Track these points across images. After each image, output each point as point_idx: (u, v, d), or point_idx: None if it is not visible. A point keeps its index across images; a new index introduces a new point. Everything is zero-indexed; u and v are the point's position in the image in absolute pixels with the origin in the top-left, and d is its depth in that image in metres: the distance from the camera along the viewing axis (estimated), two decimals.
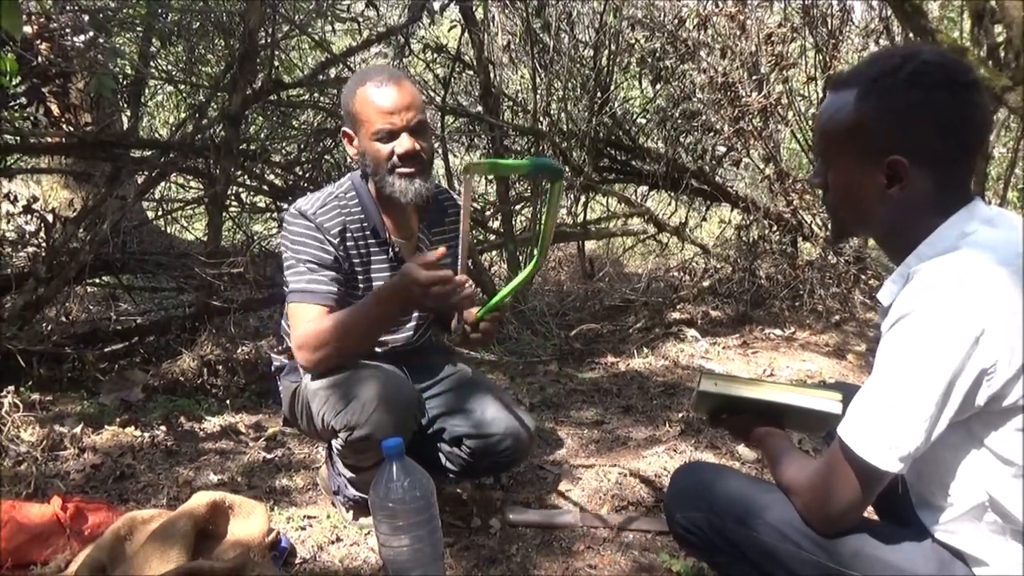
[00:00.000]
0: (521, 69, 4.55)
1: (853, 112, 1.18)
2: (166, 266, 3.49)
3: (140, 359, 3.36)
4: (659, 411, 2.94)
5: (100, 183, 3.48)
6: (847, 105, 1.19)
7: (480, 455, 2.00)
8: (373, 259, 1.94)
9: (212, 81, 3.83)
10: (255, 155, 3.73)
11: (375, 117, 1.80)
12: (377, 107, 1.80)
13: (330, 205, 1.88)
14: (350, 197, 1.91)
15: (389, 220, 1.95)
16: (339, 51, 3.97)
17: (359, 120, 1.83)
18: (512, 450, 1.99)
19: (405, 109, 1.81)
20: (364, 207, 1.92)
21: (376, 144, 1.82)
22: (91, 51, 3.25)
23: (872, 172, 1.18)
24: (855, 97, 1.18)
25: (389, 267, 1.95)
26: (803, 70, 4.21)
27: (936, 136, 1.14)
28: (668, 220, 4.61)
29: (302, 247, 1.85)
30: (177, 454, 2.54)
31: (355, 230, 1.90)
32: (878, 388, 1.12)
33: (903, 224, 1.19)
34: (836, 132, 1.21)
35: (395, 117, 1.80)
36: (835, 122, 1.21)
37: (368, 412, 1.76)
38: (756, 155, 4.31)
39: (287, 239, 1.88)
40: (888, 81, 1.15)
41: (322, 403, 1.83)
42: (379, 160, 1.83)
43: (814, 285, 4.08)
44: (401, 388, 1.83)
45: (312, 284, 1.84)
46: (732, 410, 1.49)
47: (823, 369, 3.38)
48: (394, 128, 1.81)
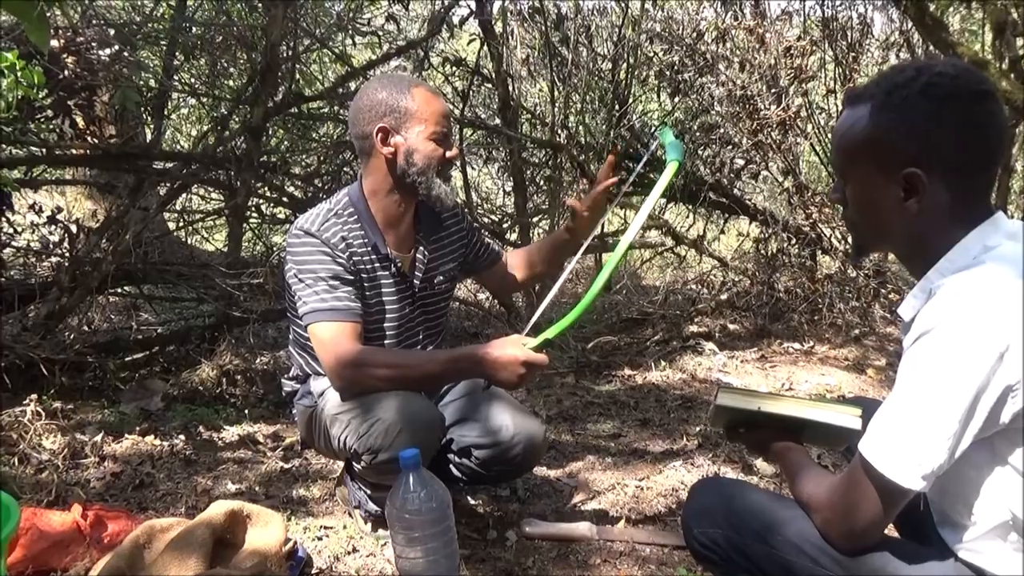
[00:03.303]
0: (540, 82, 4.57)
1: (868, 126, 1.18)
2: (187, 276, 3.51)
3: (160, 369, 3.38)
4: (676, 424, 2.92)
5: (123, 194, 3.52)
6: (862, 119, 1.19)
7: (490, 463, 1.99)
8: (380, 277, 1.92)
9: (234, 94, 3.88)
10: (275, 167, 3.77)
11: (437, 118, 1.85)
12: (440, 109, 1.86)
13: (331, 221, 1.86)
14: (348, 213, 1.89)
15: (388, 234, 1.94)
16: (359, 64, 4.00)
17: (416, 117, 1.83)
18: (522, 456, 1.98)
19: (450, 118, 1.90)
20: (363, 223, 1.90)
21: (432, 145, 1.85)
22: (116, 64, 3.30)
23: (889, 186, 1.17)
24: (869, 111, 1.18)
25: (395, 283, 1.94)
26: (822, 83, 4.20)
27: (952, 147, 1.13)
28: (686, 233, 4.59)
29: (316, 264, 1.82)
30: (196, 463, 2.55)
31: (358, 246, 1.88)
32: (900, 404, 1.11)
33: (923, 238, 1.18)
34: (852, 147, 1.21)
35: (448, 123, 1.87)
36: (850, 137, 1.21)
37: (392, 436, 1.74)
38: (775, 168, 4.29)
39: (295, 260, 1.84)
40: (902, 93, 1.15)
41: (343, 427, 1.82)
42: (431, 160, 1.85)
43: (833, 299, 4.05)
44: (423, 409, 1.82)
45: (336, 302, 1.81)
46: (750, 424, 1.48)
47: (842, 383, 3.35)
48: (448, 133, 1.87)
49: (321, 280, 1.81)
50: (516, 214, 4.45)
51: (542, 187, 4.67)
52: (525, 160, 4.44)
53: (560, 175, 4.29)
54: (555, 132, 4.19)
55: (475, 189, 4.90)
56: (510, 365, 1.68)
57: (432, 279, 2.03)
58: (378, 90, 1.87)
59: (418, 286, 1.99)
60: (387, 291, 1.93)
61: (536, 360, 1.68)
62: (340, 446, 1.85)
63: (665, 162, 1.71)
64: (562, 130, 4.22)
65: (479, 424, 1.99)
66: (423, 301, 2.03)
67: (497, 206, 5.13)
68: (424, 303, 2.03)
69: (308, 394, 1.97)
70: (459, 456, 2.02)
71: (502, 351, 1.69)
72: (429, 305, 2.05)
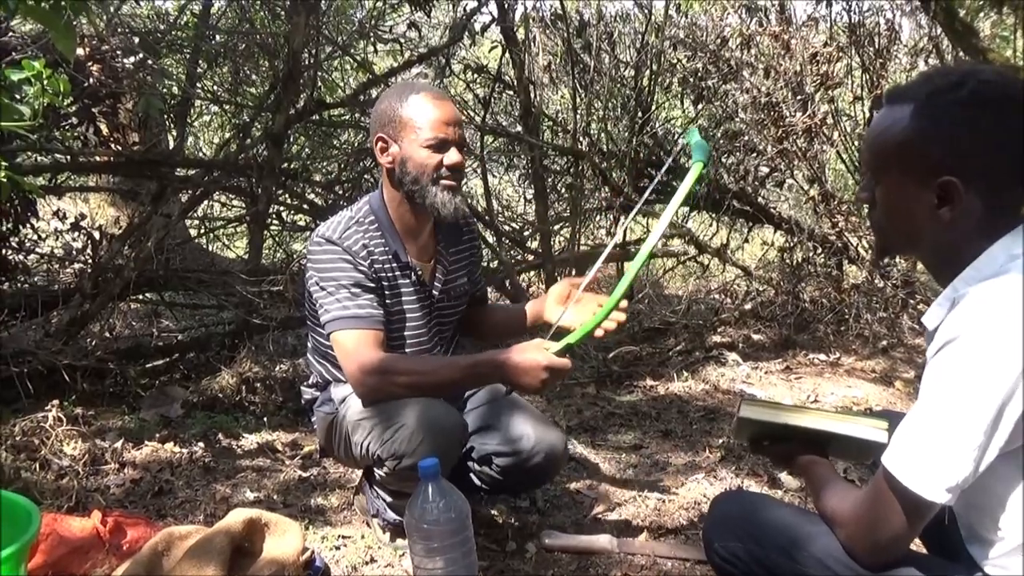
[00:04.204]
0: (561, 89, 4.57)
1: (907, 129, 1.16)
2: (207, 283, 3.55)
3: (180, 375, 3.42)
4: (699, 436, 2.91)
5: (146, 201, 3.57)
6: (900, 121, 1.17)
7: (510, 472, 1.99)
8: (400, 285, 1.94)
9: (256, 101, 3.92)
10: (296, 174, 3.80)
11: (431, 125, 1.83)
12: (435, 116, 1.84)
13: (352, 229, 1.88)
14: (370, 221, 1.91)
15: (408, 243, 1.95)
16: (381, 72, 4.04)
17: (408, 126, 1.85)
18: (543, 465, 1.98)
19: (457, 124, 1.87)
20: (384, 231, 1.91)
21: (427, 152, 1.84)
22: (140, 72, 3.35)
23: (922, 192, 1.16)
24: (910, 114, 1.15)
25: (415, 292, 1.95)
26: (849, 90, 4.17)
27: (992, 158, 1.12)
28: (709, 241, 4.57)
29: (338, 272, 1.84)
30: (215, 471, 2.57)
31: (379, 254, 1.89)
32: (924, 416, 1.09)
33: (951, 246, 1.17)
34: (887, 148, 1.19)
35: (449, 128, 1.85)
36: (887, 138, 1.19)
37: (416, 442, 1.75)
38: (800, 176, 4.26)
39: (317, 268, 1.86)
40: (945, 99, 1.13)
41: (365, 433, 1.83)
42: (425, 169, 1.84)
43: (860, 309, 4.01)
44: (446, 415, 1.83)
45: (358, 309, 1.82)
46: (774, 437, 1.47)
47: (869, 396, 3.31)
48: (447, 139, 1.85)
49: (343, 288, 1.83)
50: (537, 222, 4.45)
51: (563, 195, 4.67)
52: (546, 167, 4.44)
53: (582, 183, 4.29)
54: (577, 139, 4.19)
55: (496, 197, 4.91)
56: (532, 370, 1.69)
57: (450, 291, 2.04)
58: (383, 100, 1.91)
59: (437, 296, 2.00)
60: (408, 299, 1.94)
61: (559, 365, 1.69)
62: (362, 452, 1.86)
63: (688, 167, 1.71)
64: (584, 137, 4.22)
65: (500, 433, 1.99)
66: (440, 312, 2.03)
67: (518, 214, 5.14)
68: (441, 314, 2.04)
69: (328, 401, 1.98)
70: (479, 464, 2.02)
71: (524, 356, 1.70)
72: (445, 317, 2.06)
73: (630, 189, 4.23)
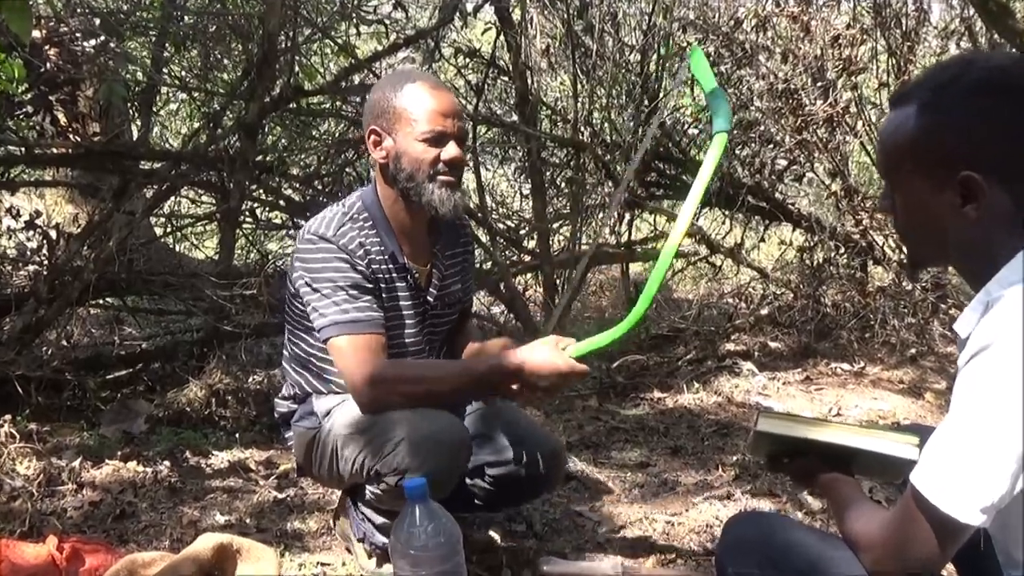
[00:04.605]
0: (561, 75, 4.58)
1: (915, 127, 1.18)
2: (174, 287, 3.55)
3: (144, 387, 3.42)
4: (711, 453, 2.91)
5: (107, 197, 3.56)
6: (907, 120, 1.19)
7: (504, 484, 1.98)
8: (397, 288, 1.94)
9: (228, 88, 3.92)
10: (272, 168, 3.80)
11: (429, 117, 1.83)
12: (432, 107, 1.83)
13: (347, 226, 1.88)
14: (364, 218, 1.91)
15: (404, 243, 1.95)
16: (364, 56, 4.04)
17: (403, 118, 1.84)
18: (540, 475, 1.97)
19: (455, 116, 1.86)
20: (380, 229, 1.91)
21: (423, 146, 1.83)
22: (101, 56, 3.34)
23: (942, 191, 1.16)
24: (916, 112, 1.18)
25: (411, 296, 1.95)
26: (874, 75, 4.18)
27: (1009, 147, 1.13)
28: (722, 241, 4.58)
29: (334, 272, 1.84)
30: (182, 492, 2.57)
31: (376, 253, 1.90)
32: (956, 430, 1.10)
33: (981, 246, 1.17)
34: (898, 151, 1.21)
35: (447, 121, 1.84)
36: (896, 140, 1.21)
37: (421, 454, 1.75)
38: (821, 169, 4.27)
39: (308, 268, 1.86)
40: (951, 90, 1.15)
41: (359, 448, 1.82)
42: (421, 163, 1.84)
43: (887, 314, 4.02)
44: (450, 424, 1.83)
45: (359, 313, 1.82)
46: (794, 453, 1.47)
47: (897, 409, 3.32)
48: (446, 132, 1.84)
49: (340, 289, 1.83)
50: (535, 219, 4.46)
51: (563, 190, 4.68)
52: (545, 160, 4.45)
53: (583, 176, 4.30)
54: (578, 129, 4.20)
55: (490, 192, 4.92)
56: (549, 375, 1.69)
57: (444, 298, 2.04)
58: (376, 89, 1.91)
59: (432, 303, 2.00)
60: (404, 303, 1.95)
61: (577, 371, 1.69)
62: (354, 469, 1.85)
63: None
64: (585, 127, 4.23)
65: (492, 441, 1.99)
66: (433, 320, 2.04)
67: (514, 211, 5.15)
68: (434, 322, 2.04)
69: (309, 415, 1.97)
70: (471, 476, 2.02)
71: (537, 357, 1.71)
72: (437, 326, 2.06)
73: (636, 183, 4.24)
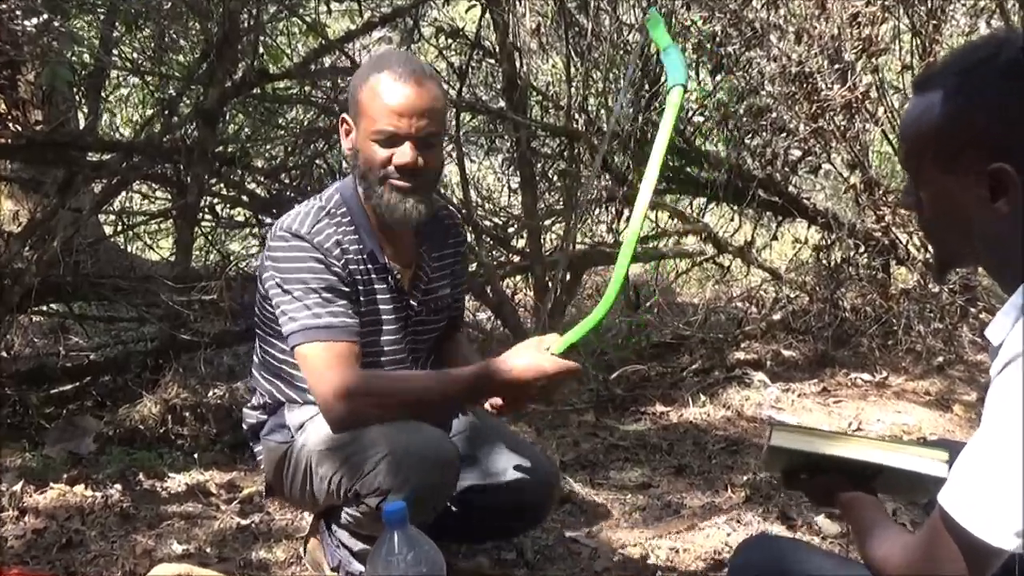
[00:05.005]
0: (553, 57, 4.59)
1: (940, 116, 1.17)
2: (126, 291, 3.53)
3: (93, 403, 3.40)
4: (719, 472, 2.92)
5: (50, 192, 3.55)
6: (932, 108, 1.18)
7: (492, 511, 1.99)
8: (376, 290, 1.94)
9: (185, 72, 3.91)
10: (234, 159, 3.79)
11: (380, 114, 1.81)
12: (385, 103, 1.80)
13: (324, 222, 1.88)
14: (342, 214, 1.91)
15: (385, 242, 1.95)
16: (335, 36, 4.03)
17: (361, 112, 1.85)
18: (531, 503, 1.98)
19: (418, 115, 1.81)
20: (359, 226, 1.91)
21: (373, 146, 1.83)
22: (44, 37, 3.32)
23: (971, 184, 1.17)
24: (941, 98, 1.17)
25: (391, 300, 1.95)
26: (897, 57, 4.20)
27: None
28: (730, 239, 4.59)
29: (307, 274, 1.83)
30: (135, 518, 2.55)
31: (354, 253, 1.90)
32: (987, 445, 1.10)
33: (1014, 245, 1.18)
34: (922, 141, 1.21)
35: (403, 120, 1.80)
36: (920, 129, 1.21)
37: (404, 472, 1.75)
38: (839, 160, 4.29)
39: (279, 268, 1.86)
40: (980, 74, 1.15)
41: (336, 466, 1.82)
42: (371, 164, 1.84)
43: (911, 319, 4.04)
44: (437, 439, 1.83)
45: (332, 318, 1.82)
46: (811, 470, 1.48)
47: (923, 423, 3.34)
48: (398, 132, 1.81)
49: (313, 292, 1.82)
50: (524, 216, 4.45)
51: (555, 183, 4.68)
52: (535, 151, 4.45)
53: (577, 168, 4.30)
54: (571, 117, 4.21)
55: (474, 186, 4.91)
56: (536, 378, 1.69)
57: (430, 303, 2.04)
58: (356, 73, 1.92)
59: (415, 308, 2.00)
60: (384, 308, 1.95)
61: (565, 368, 1.69)
62: (330, 489, 1.85)
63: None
64: (580, 115, 4.24)
65: (480, 465, 1.99)
66: (416, 327, 2.03)
67: (501, 207, 5.14)
68: (417, 330, 2.04)
69: (280, 428, 1.97)
70: (456, 503, 2.02)
71: (521, 361, 1.71)
72: (421, 333, 2.06)
73: (635, 176, 4.24)
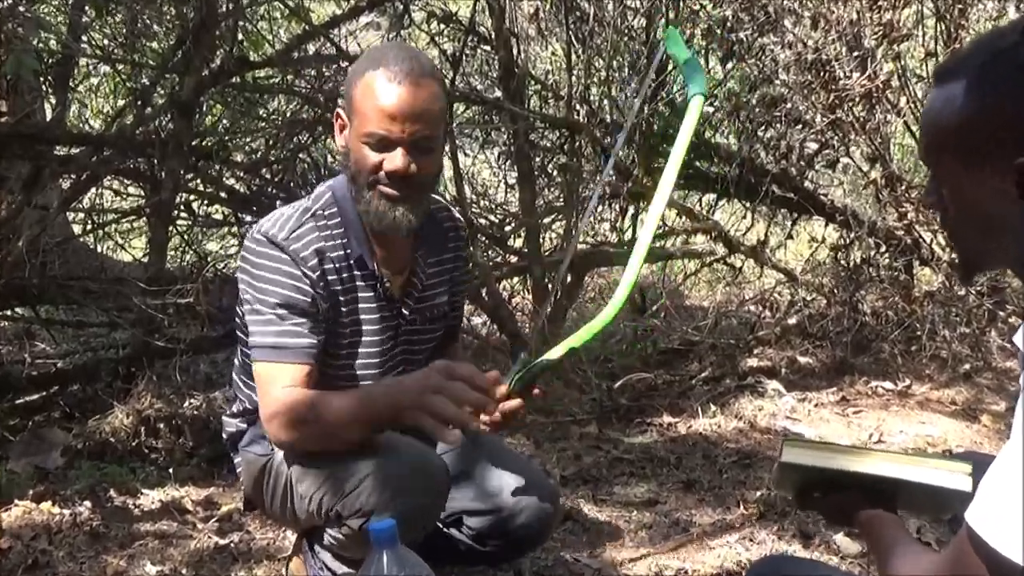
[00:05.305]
0: (552, 43, 4.59)
1: (962, 108, 1.18)
2: (96, 294, 3.53)
3: (60, 414, 3.40)
4: (731, 488, 2.93)
5: (15, 188, 3.54)
6: (954, 100, 1.19)
7: (487, 536, 1.99)
8: (361, 299, 1.93)
9: (159, 59, 3.91)
10: (212, 153, 3.79)
11: (372, 115, 1.79)
12: (378, 104, 1.78)
13: (306, 227, 1.87)
14: (330, 215, 1.91)
15: (378, 245, 1.95)
16: (320, 21, 4.04)
17: (356, 109, 1.83)
18: (529, 527, 1.98)
19: (412, 119, 1.78)
20: (349, 229, 1.91)
21: (364, 148, 1.81)
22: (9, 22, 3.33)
23: (996, 182, 1.17)
24: (964, 89, 1.18)
25: (378, 308, 1.95)
26: (920, 43, 4.21)
27: None
28: (742, 238, 4.60)
29: (271, 286, 1.83)
30: (105, 537, 2.56)
31: (337, 259, 1.89)
32: (1016, 458, 1.11)
33: None
34: (944, 136, 1.21)
35: (395, 124, 1.78)
36: (941, 124, 1.21)
37: (390, 490, 1.75)
38: (858, 154, 4.29)
39: (249, 274, 1.86)
40: (1006, 61, 1.15)
41: (317, 483, 1.82)
42: (361, 168, 1.83)
43: (936, 324, 4.04)
44: (424, 456, 1.83)
45: (284, 338, 1.82)
46: (827, 487, 1.48)
47: (948, 435, 3.35)
48: (390, 137, 1.79)
49: (276, 307, 1.82)
50: (522, 214, 4.46)
51: (555, 179, 4.69)
52: (534, 144, 4.45)
53: (579, 163, 4.31)
54: (572, 108, 4.21)
55: (469, 181, 4.92)
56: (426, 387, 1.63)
57: (425, 312, 2.04)
58: (353, 68, 1.90)
59: (407, 317, 2.00)
60: (368, 317, 1.94)
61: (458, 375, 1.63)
62: (310, 508, 1.85)
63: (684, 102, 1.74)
64: (581, 105, 4.24)
65: (473, 484, 1.99)
66: (409, 337, 2.03)
67: (497, 204, 5.14)
68: (410, 340, 2.04)
69: (261, 439, 1.97)
70: (446, 526, 2.02)
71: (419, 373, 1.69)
72: (415, 344, 2.05)
73: (641, 171, 4.25)
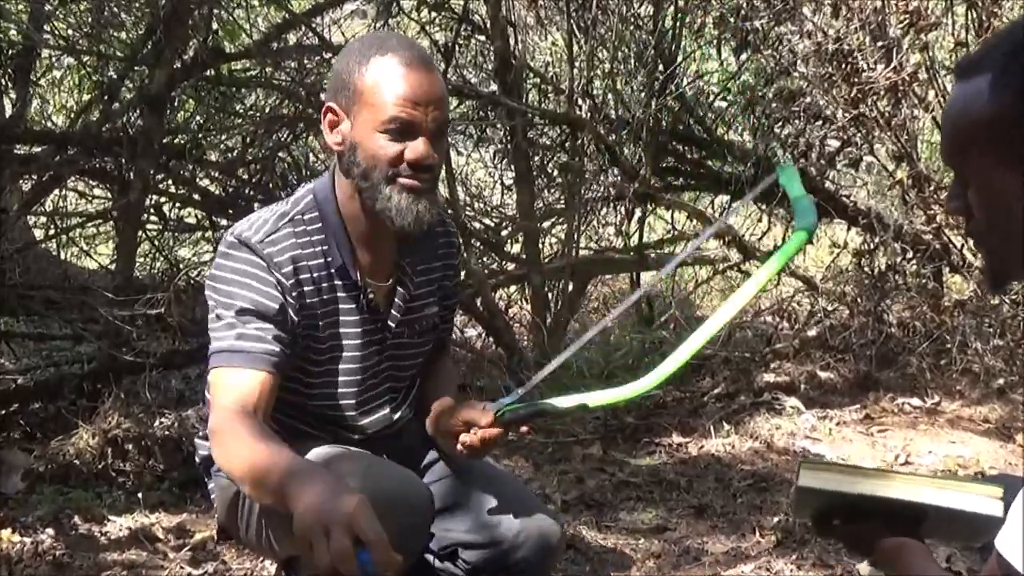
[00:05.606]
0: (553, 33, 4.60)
1: (988, 104, 1.17)
2: (59, 305, 3.53)
3: (20, 434, 3.39)
4: (746, 513, 2.93)
5: None
6: (979, 96, 1.18)
7: (484, 571, 1.98)
8: (341, 310, 1.92)
9: (127, 51, 3.91)
10: (184, 152, 3.79)
11: (394, 101, 1.77)
12: (401, 89, 1.77)
13: (283, 232, 1.85)
14: (311, 220, 1.89)
15: (362, 252, 1.94)
16: (300, 9, 4.04)
17: (364, 99, 1.80)
18: (530, 561, 1.97)
19: (435, 104, 1.79)
20: (330, 235, 1.89)
21: (380, 139, 1.79)
22: None
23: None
24: (989, 84, 1.18)
25: (361, 321, 1.94)
26: (949, 33, 4.22)
27: None
28: (758, 243, 4.60)
29: (238, 289, 1.81)
30: (69, 568, 2.55)
31: (315, 267, 1.88)
32: None
33: None
34: (969, 133, 1.20)
35: (420, 110, 1.78)
36: (966, 121, 1.20)
37: None
38: (883, 152, 4.30)
39: (216, 278, 1.84)
40: None
41: None
42: (379, 160, 1.81)
43: (967, 335, 4.04)
44: (407, 482, 1.82)
45: (242, 341, 1.78)
46: (848, 513, 1.48)
47: (981, 455, 3.35)
48: (415, 123, 1.78)
49: (239, 311, 1.80)
50: (519, 216, 4.46)
51: (556, 179, 4.69)
52: (532, 141, 4.46)
53: (581, 162, 4.31)
54: (574, 102, 4.22)
55: (462, 182, 4.92)
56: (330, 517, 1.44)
57: (412, 323, 2.03)
58: (342, 56, 1.87)
59: (393, 329, 1.99)
60: (349, 330, 1.93)
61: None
62: (287, 536, 1.84)
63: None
64: (584, 100, 4.25)
65: (470, 515, 1.98)
66: (395, 351, 2.02)
67: (493, 205, 5.15)
68: (396, 353, 2.03)
69: None
70: (440, 559, 2.02)
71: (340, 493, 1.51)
72: (402, 358, 2.05)
73: (649, 171, 4.26)
